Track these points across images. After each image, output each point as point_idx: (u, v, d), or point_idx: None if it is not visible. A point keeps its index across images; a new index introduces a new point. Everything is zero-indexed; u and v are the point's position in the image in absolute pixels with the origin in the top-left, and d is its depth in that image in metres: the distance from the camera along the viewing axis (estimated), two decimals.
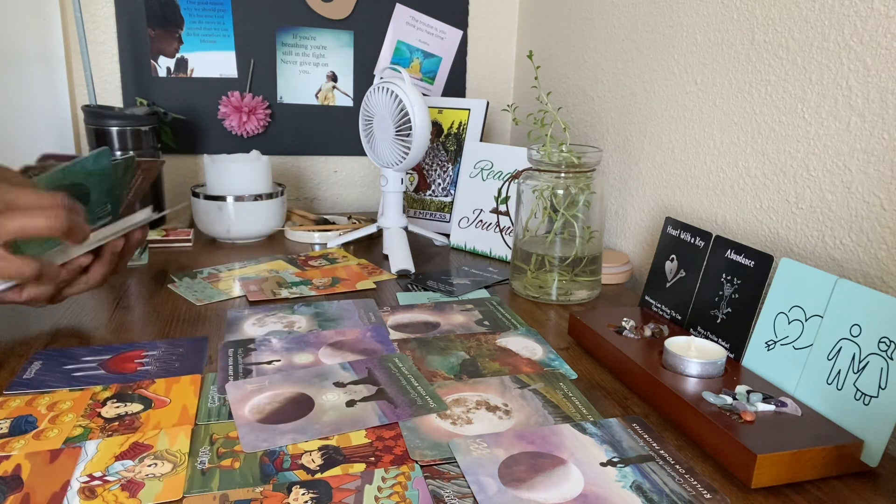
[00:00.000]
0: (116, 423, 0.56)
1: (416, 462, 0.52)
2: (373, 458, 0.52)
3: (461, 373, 0.67)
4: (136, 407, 0.59)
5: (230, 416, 0.58)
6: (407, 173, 1.07)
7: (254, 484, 0.49)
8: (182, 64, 1.27)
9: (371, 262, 1.02)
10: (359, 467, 0.51)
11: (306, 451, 0.53)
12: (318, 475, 0.50)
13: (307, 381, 0.64)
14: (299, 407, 0.59)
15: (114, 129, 1.09)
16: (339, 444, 0.54)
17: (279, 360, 0.68)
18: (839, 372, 0.54)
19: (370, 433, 0.55)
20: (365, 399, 0.61)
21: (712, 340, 0.67)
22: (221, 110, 1.29)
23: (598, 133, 1.12)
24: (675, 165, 0.93)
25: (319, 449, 0.53)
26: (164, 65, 1.26)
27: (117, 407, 0.59)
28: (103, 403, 0.59)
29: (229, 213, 1.10)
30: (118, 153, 1.10)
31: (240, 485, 0.48)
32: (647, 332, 0.70)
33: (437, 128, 1.21)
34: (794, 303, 0.59)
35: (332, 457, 0.52)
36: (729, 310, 0.66)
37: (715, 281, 0.69)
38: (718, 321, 0.67)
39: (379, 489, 0.48)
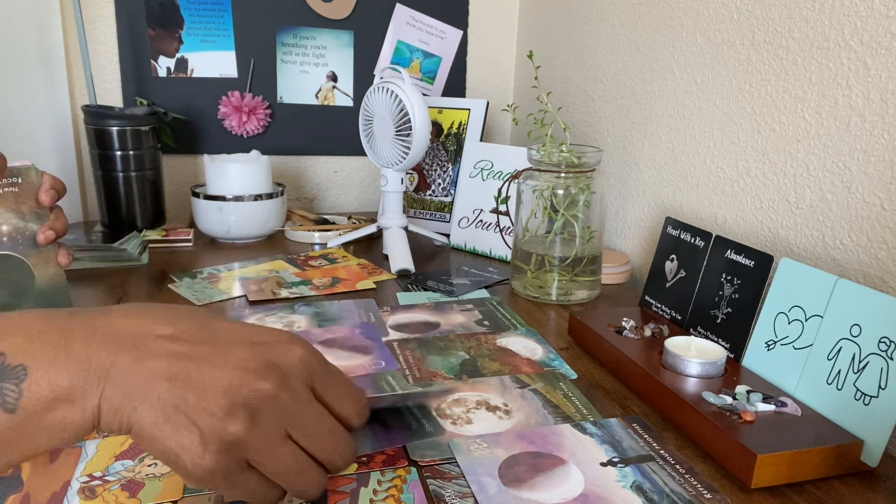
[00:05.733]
0: None
1: (415, 463, 0.51)
2: (364, 458, 0.52)
3: (461, 373, 0.67)
4: None
5: None
6: (407, 173, 1.07)
7: None
8: (182, 64, 1.27)
9: (371, 262, 1.02)
10: (351, 466, 0.51)
11: None
12: None
13: None
14: None
15: (114, 129, 1.09)
16: None
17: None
18: (839, 372, 0.54)
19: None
20: None
21: (712, 340, 0.67)
22: (221, 110, 1.29)
23: (598, 133, 1.12)
24: (675, 165, 0.93)
25: None
26: (164, 65, 1.26)
27: None
28: None
29: (229, 213, 1.10)
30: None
31: None
32: (647, 332, 0.70)
33: (437, 128, 1.21)
34: (794, 303, 0.59)
35: None
36: (729, 310, 0.66)
37: (715, 281, 0.69)
38: (718, 321, 0.67)
39: (374, 492, 0.48)
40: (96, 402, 0.35)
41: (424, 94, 1.17)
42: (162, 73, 1.26)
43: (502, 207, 1.05)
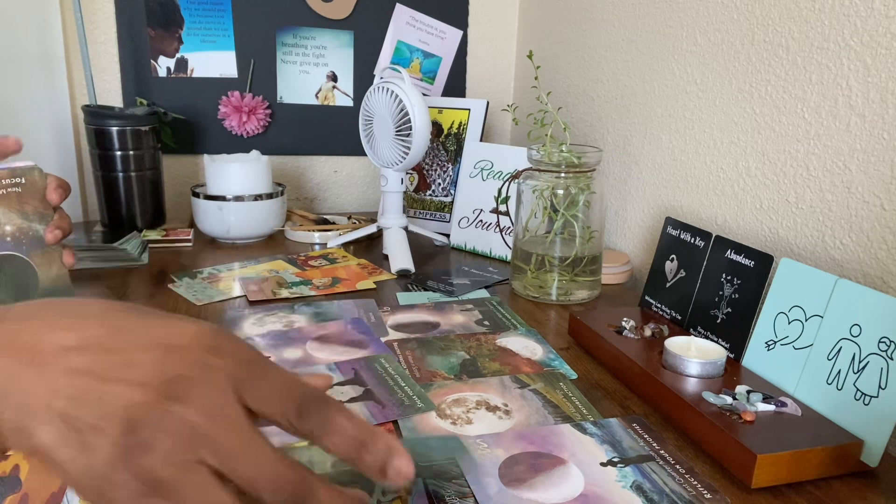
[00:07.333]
0: None
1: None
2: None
3: (461, 373, 0.67)
4: None
5: None
6: (407, 173, 1.07)
7: None
8: (182, 64, 1.27)
9: (371, 262, 1.02)
10: None
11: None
12: None
13: None
14: None
15: (114, 129, 1.09)
16: None
17: (270, 357, 0.68)
18: (839, 372, 0.54)
19: None
20: (352, 400, 0.60)
21: (712, 340, 0.67)
22: (221, 110, 1.29)
23: (598, 133, 1.12)
24: (675, 165, 0.93)
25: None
26: (164, 65, 1.26)
27: None
28: None
29: (229, 213, 1.10)
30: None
31: None
32: (647, 332, 0.70)
33: (437, 128, 1.21)
34: (794, 303, 0.59)
35: None
36: (729, 310, 0.66)
37: (715, 281, 0.69)
38: (718, 321, 0.67)
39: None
40: None
41: (424, 94, 1.17)
42: (162, 73, 1.26)
43: (502, 207, 1.05)
